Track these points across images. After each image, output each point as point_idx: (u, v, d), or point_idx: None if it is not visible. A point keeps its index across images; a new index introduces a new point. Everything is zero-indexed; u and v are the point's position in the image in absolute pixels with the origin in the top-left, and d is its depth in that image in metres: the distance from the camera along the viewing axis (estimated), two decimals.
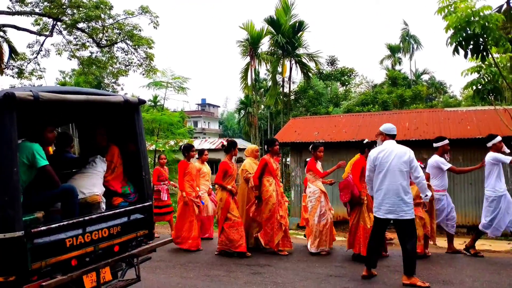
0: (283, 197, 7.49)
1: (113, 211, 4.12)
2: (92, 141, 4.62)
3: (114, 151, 4.56)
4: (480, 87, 8.52)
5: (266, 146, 7.40)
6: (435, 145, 7.06)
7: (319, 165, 7.45)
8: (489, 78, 8.47)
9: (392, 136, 5.62)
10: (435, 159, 6.96)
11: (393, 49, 47.63)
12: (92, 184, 4.16)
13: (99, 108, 4.54)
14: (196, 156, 8.63)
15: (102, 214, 4.01)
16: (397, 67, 47.06)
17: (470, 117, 13.90)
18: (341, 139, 13.79)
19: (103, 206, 4.22)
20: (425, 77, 46.76)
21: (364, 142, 6.98)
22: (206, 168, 8.80)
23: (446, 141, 7.00)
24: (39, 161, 3.63)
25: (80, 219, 3.74)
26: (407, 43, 47.18)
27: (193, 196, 7.73)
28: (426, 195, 5.45)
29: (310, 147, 7.58)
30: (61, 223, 3.57)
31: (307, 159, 7.84)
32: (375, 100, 31.12)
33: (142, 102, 4.46)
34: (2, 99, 3.14)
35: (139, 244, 4.35)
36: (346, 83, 39.11)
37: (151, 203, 4.55)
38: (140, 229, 4.37)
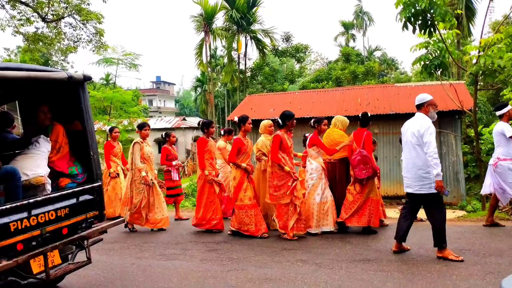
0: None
1: (59, 193, 3.98)
2: (35, 120, 4.40)
3: (58, 130, 4.37)
4: (428, 62, 8.79)
5: (281, 121, 6.69)
6: (498, 113, 6.73)
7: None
8: (436, 54, 8.75)
9: (418, 107, 5.42)
10: (501, 126, 6.51)
11: (347, 26, 48.25)
12: (35, 165, 3.98)
13: (42, 86, 4.33)
14: (222, 133, 8.44)
15: (48, 196, 3.85)
16: (351, 44, 47.81)
17: (419, 92, 14.38)
18: (296, 115, 13.91)
19: (49, 187, 4.05)
20: (377, 53, 47.81)
21: (364, 114, 6.88)
22: (230, 147, 8.40)
23: (510, 107, 6.66)
24: None
25: (24, 202, 3.59)
26: (361, 19, 47.94)
27: (213, 175, 7.30)
28: (438, 175, 4.95)
29: (312, 121, 7.14)
30: (4, 207, 3.41)
31: (306, 134, 7.50)
32: (329, 76, 31.58)
33: (87, 78, 4.27)
34: None
35: (89, 226, 4.24)
36: (301, 60, 39.37)
37: (100, 183, 4.42)
38: (89, 211, 4.25)
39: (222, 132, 8.60)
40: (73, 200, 4.10)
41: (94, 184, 4.34)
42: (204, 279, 4.91)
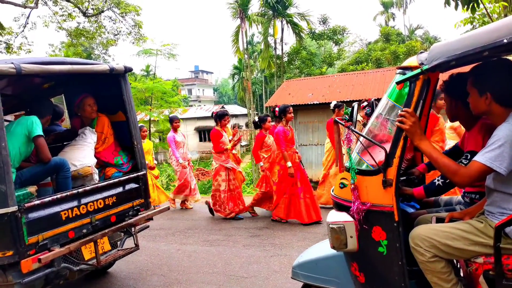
0: None
1: (106, 182, 4.10)
2: (82, 113, 4.54)
3: (103, 121, 4.48)
4: None
5: None
6: None
7: None
8: None
9: None
10: None
11: (386, 5, 46.77)
12: (83, 156, 4.12)
13: (86, 78, 4.45)
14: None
15: (96, 185, 3.98)
16: (391, 23, 46.36)
17: (464, 70, 13.79)
18: (335, 99, 13.68)
19: (96, 177, 4.18)
20: (419, 32, 46.09)
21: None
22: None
23: None
24: (35, 130, 3.64)
25: (74, 192, 3.72)
26: None
27: None
28: None
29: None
30: (55, 196, 3.56)
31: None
32: (368, 58, 30.78)
33: (128, 69, 4.35)
34: None
35: (135, 214, 4.36)
36: (339, 42, 38.59)
37: (145, 172, 4.52)
38: (135, 199, 4.37)
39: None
40: (120, 189, 4.23)
41: (139, 173, 4.45)
42: (247, 265, 4.97)
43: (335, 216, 2.55)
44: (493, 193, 2.20)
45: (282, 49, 31.35)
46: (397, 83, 2.34)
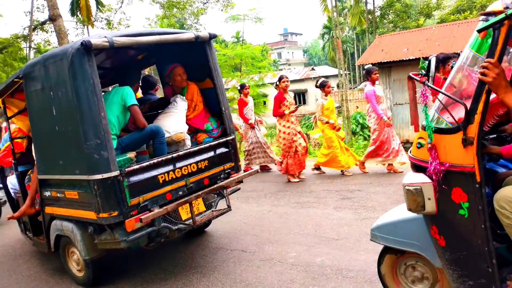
0: None
1: (198, 147, 4.28)
2: (173, 83, 4.73)
3: (193, 89, 4.63)
4: None
5: None
6: None
7: None
8: None
9: None
10: None
11: None
12: (175, 123, 4.32)
13: (174, 48, 4.60)
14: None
15: (189, 150, 4.18)
16: None
17: None
18: (434, 53, 12.72)
19: (189, 143, 4.38)
20: None
21: None
22: None
23: None
24: (129, 99, 3.95)
25: (169, 157, 3.94)
26: None
27: None
28: None
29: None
30: (152, 161, 3.80)
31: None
32: (472, 5, 27.93)
33: (213, 36, 4.40)
34: (80, 47, 3.30)
35: (227, 177, 4.51)
36: None
37: (233, 136, 4.63)
38: (226, 162, 4.52)
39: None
40: (211, 153, 4.39)
41: (228, 138, 4.57)
42: (338, 227, 4.94)
43: (412, 178, 2.43)
44: None
45: (373, 3, 29.68)
46: (479, 31, 2.10)
